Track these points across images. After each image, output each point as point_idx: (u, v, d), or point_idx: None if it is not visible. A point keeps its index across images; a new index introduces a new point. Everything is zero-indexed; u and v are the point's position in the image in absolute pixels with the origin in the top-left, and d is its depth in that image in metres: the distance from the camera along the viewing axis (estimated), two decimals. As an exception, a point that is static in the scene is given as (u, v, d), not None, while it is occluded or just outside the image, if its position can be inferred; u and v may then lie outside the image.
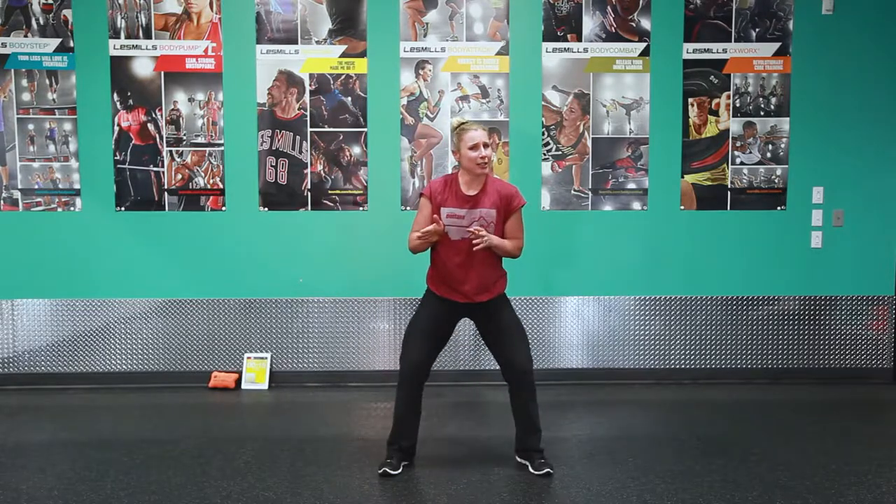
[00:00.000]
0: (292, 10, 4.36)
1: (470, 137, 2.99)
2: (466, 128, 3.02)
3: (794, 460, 3.20)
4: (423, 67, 4.40)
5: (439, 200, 3.04)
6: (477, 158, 2.97)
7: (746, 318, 4.55)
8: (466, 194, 3.03)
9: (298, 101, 4.39)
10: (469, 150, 2.98)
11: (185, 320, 4.47)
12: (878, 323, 4.56)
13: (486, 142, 2.99)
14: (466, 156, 2.99)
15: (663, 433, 3.58)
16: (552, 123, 4.44)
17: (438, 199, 3.04)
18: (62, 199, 4.40)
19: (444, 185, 3.06)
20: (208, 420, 3.83)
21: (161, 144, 4.39)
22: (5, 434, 3.59)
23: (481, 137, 2.99)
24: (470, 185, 3.04)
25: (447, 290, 3.08)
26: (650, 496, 2.83)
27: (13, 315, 4.43)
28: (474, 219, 3.01)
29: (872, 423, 3.75)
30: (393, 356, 4.43)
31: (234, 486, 2.94)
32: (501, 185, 3.09)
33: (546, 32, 4.41)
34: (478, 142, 2.98)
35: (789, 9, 4.42)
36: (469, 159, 2.99)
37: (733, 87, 4.45)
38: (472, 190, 3.04)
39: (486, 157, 2.98)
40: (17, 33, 4.33)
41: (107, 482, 2.97)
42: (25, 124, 4.36)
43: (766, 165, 4.48)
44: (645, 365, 4.56)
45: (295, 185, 4.44)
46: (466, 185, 3.05)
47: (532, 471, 3.04)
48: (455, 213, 3.02)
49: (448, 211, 3.03)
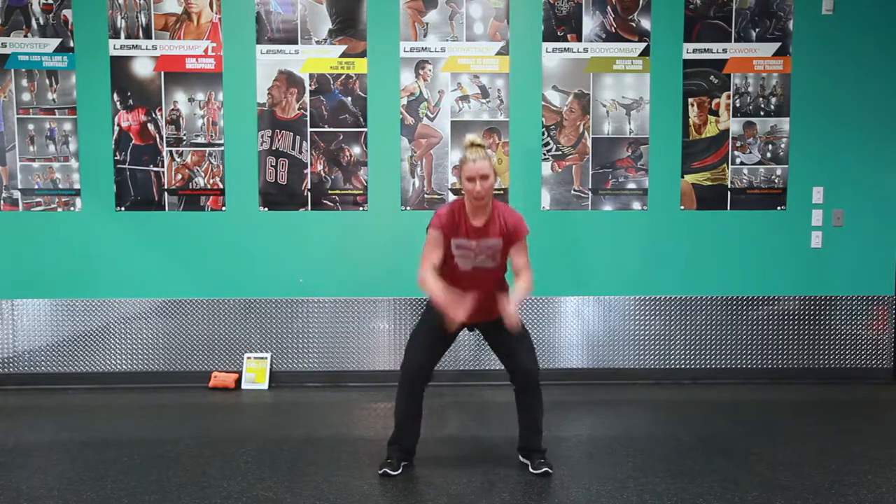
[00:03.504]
0: (292, 10, 4.36)
1: (468, 169, 2.91)
2: (466, 158, 2.94)
3: (794, 460, 3.20)
4: (423, 67, 4.40)
5: (448, 233, 2.99)
6: (473, 191, 2.90)
7: (746, 318, 4.55)
8: (475, 225, 2.99)
9: (298, 101, 4.39)
10: (466, 181, 2.93)
11: (185, 320, 4.47)
12: (878, 323, 4.56)
13: (484, 174, 2.90)
14: (464, 186, 2.95)
15: (663, 433, 3.58)
16: (552, 123, 4.44)
17: (447, 232, 2.99)
18: (62, 199, 4.40)
19: (452, 217, 2.99)
20: (208, 420, 3.83)
21: (161, 144, 4.39)
22: (5, 434, 3.59)
23: (478, 170, 2.89)
24: (476, 214, 2.99)
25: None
26: (650, 496, 2.83)
27: (13, 315, 4.43)
28: (483, 248, 2.99)
29: (872, 423, 3.75)
30: (393, 356, 4.42)
31: (234, 486, 2.93)
32: (508, 213, 3.04)
33: (546, 32, 4.41)
34: (474, 174, 2.89)
35: (789, 9, 4.42)
36: (466, 191, 2.94)
37: (733, 87, 4.45)
38: (479, 220, 2.99)
39: (481, 192, 2.90)
40: (17, 33, 4.33)
41: (107, 482, 2.97)
42: (25, 124, 4.36)
43: (766, 165, 4.48)
44: (645, 365, 4.56)
45: (295, 185, 4.44)
46: (472, 214, 2.99)
47: (531, 470, 3.05)
48: (464, 244, 2.99)
49: (458, 242, 3.00)
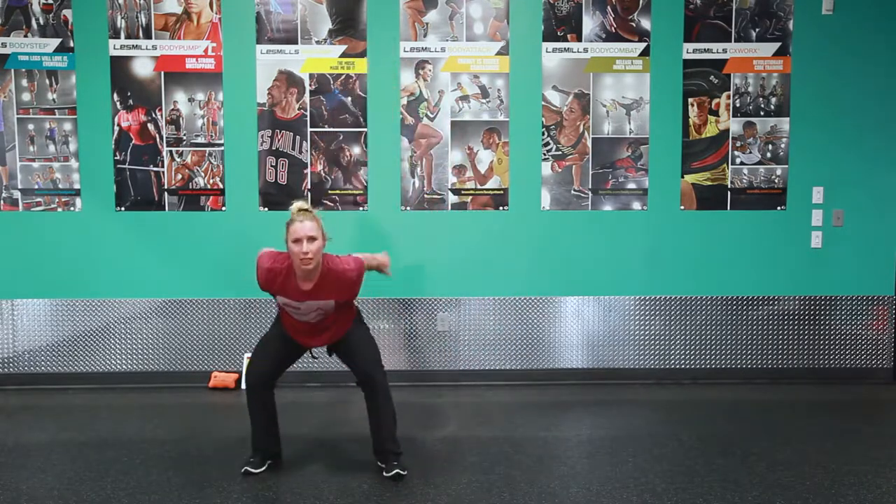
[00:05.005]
0: (292, 10, 4.36)
1: (293, 230, 2.75)
2: (292, 220, 2.79)
3: (794, 460, 3.20)
4: (423, 67, 4.40)
5: (274, 290, 2.89)
6: (300, 254, 2.73)
7: (746, 318, 4.55)
8: (302, 289, 2.83)
9: (298, 101, 4.39)
10: (292, 243, 2.75)
11: (185, 320, 4.47)
12: (878, 323, 4.56)
13: (311, 235, 2.74)
14: (291, 249, 2.78)
15: (663, 433, 3.58)
16: (552, 123, 4.44)
17: (273, 289, 2.89)
18: (62, 199, 4.40)
19: (274, 277, 2.84)
20: (208, 420, 3.83)
21: (161, 144, 4.39)
22: (5, 434, 3.59)
23: (305, 231, 2.73)
24: (305, 277, 2.83)
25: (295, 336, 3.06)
26: (650, 496, 2.83)
27: (13, 315, 4.43)
28: (312, 308, 2.88)
29: (872, 423, 3.75)
30: (393, 356, 4.42)
31: (234, 486, 2.94)
32: (340, 271, 2.87)
33: (546, 32, 4.41)
34: (301, 235, 2.73)
35: (789, 9, 4.42)
36: (293, 254, 2.77)
37: (733, 87, 4.45)
38: (307, 283, 2.83)
39: (308, 253, 2.73)
40: (17, 33, 4.33)
41: (107, 482, 2.97)
42: (25, 124, 4.36)
43: (766, 165, 4.48)
44: (645, 365, 4.56)
45: (295, 185, 4.44)
46: (301, 277, 2.83)
47: (385, 473, 3.00)
48: (291, 304, 2.88)
49: (283, 301, 2.88)
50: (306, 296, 2.87)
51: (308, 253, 2.74)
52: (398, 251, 4.40)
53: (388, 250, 4.42)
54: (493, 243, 4.47)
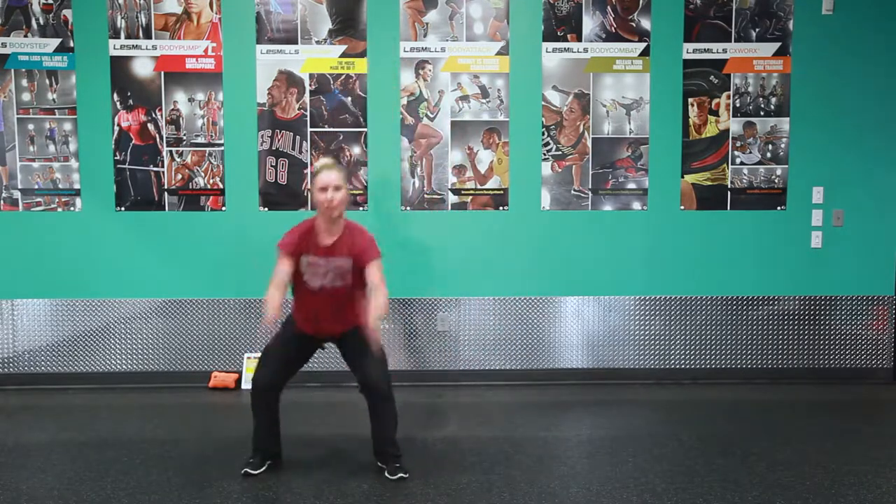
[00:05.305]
0: (292, 10, 4.36)
1: (320, 179, 2.97)
2: (319, 169, 3.01)
3: (794, 460, 3.20)
4: (423, 67, 4.40)
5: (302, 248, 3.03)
6: (325, 201, 2.95)
7: (746, 318, 4.55)
8: (324, 243, 3.02)
9: (298, 101, 4.39)
10: (318, 191, 2.97)
11: (185, 320, 4.47)
12: (878, 323, 4.56)
13: (336, 184, 2.96)
14: (317, 198, 2.98)
15: (663, 433, 3.58)
16: (552, 123, 4.44)
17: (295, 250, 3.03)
18: (62, 199, 4.40)
19: (301, 235, 3.04)
20: (208, 420, 3.83)
21: (161, 144, 4.39)
22: (5, 434, 3.59)
23: (331, 180, 2.96)
24: (327, 231, 3.03)
25: (307, 325, 3.10)
26: (650, 496, 2.83)
27: (13, 315, 4.43)
28: (332, 267, 3.02)
29: (872, 423, 3.75)
30: (392, 356, 4.41)
31: (234, 486, 2.94)
32: (359, 236, 3.07)
33: (546, 32, 4.41)
34: (326, 184, 2.95)
35: (789, 9, 4.42)
36: (318, 202, 2.98)
37: (733, 87, 4.45)
38: (329, 238, 3.02)
39: (334, 201, 2.95)
40: (17, 33, 4.33)
41: (107, 482, 2.97)
42: (25, 124, 4.36)
43: (766, 165, 4.48)
44: (645, 365, 4.56)
45: (295, 185, 4.44)
46: (324, 232, 3.03)
47: (387, 475, 3.01)
48: (314, 261, 3.03)
49: (308, 259, 3.04)
50: (328, 251, 3.01)
51: (333, 200, 2.95)
52: (398, 251, 4.41)
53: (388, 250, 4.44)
54: (493, 243, 4.47)
